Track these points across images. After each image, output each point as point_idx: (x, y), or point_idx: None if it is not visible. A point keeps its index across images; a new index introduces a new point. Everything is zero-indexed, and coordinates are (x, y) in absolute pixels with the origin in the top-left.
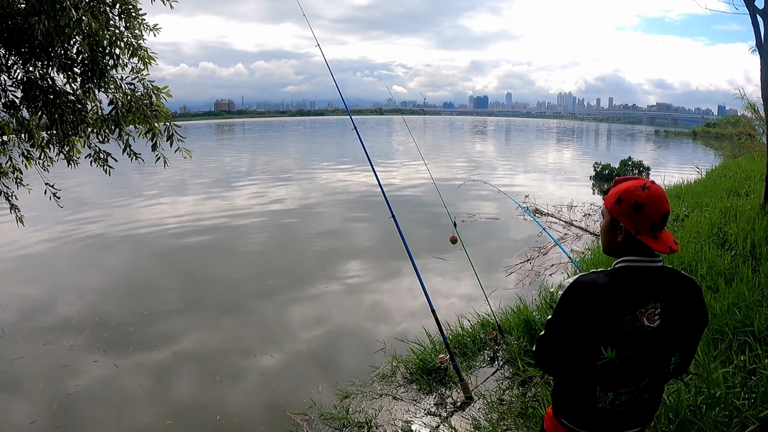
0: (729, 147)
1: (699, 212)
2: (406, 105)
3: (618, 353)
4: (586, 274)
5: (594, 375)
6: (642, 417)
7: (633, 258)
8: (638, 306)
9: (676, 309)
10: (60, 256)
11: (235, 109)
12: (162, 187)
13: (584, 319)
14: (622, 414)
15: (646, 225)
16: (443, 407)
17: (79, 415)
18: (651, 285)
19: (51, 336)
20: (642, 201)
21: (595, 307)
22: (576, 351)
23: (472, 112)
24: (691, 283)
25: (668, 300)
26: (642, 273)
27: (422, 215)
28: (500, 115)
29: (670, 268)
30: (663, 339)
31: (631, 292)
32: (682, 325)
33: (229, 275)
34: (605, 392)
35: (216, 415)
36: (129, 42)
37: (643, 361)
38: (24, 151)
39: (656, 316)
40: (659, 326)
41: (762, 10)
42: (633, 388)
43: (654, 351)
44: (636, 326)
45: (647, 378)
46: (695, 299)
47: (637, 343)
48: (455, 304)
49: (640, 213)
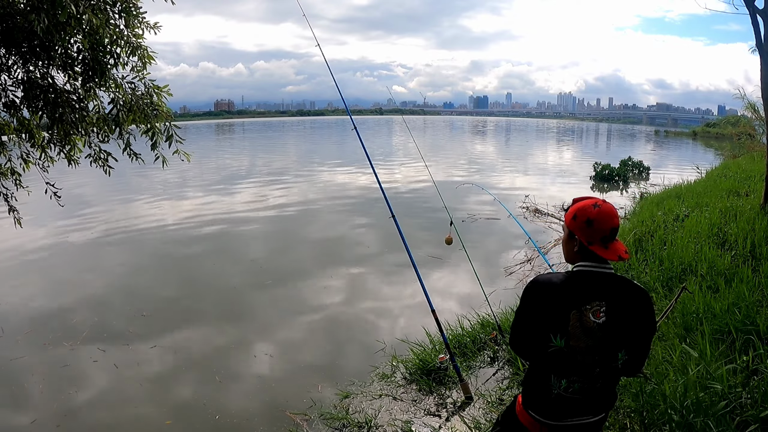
0: (729, 147)
1: (699, 212)
2: (406, 105)
3: (566, 343)
4: (543, 274)
5: (548, 361)
6: (596, 406)
7: (586, 263)
8: (583, 303)
9: (621, 309)
10: (60, 257)
11: (235, 109)
12: (162, 188)
13: (538, 311)
14: (576, 401)
15: (597, 237)
16: (443, 407)
17: (79, 415)
18: (598, 286)
19: (51, 336)
20: (593, 217)
21: (546, 300)
22: (534, 337)
23: (472, 112)
24: (640, 290)
25: (613, 300)
26: (591, 276)
27: (422, 215)
28: (500, 115)
29: (621, 276)
30: (608, 334)
31: (578, 291)
32: (626, 324)
33: (228, 275)
34: (559, 379)
35: (215, 415)
36: (129, 40)
37: (591, 353)
38: (23, 154)
39: (601, 313)
40: (604, 323)
41: (762, 10)
42: (584, 377)
43: (600, 344)
44: (582, 320)
45: (597, 369)
46: (642, 305)
47: (583, 336)
48: (455, 305)
49: (592, 227)
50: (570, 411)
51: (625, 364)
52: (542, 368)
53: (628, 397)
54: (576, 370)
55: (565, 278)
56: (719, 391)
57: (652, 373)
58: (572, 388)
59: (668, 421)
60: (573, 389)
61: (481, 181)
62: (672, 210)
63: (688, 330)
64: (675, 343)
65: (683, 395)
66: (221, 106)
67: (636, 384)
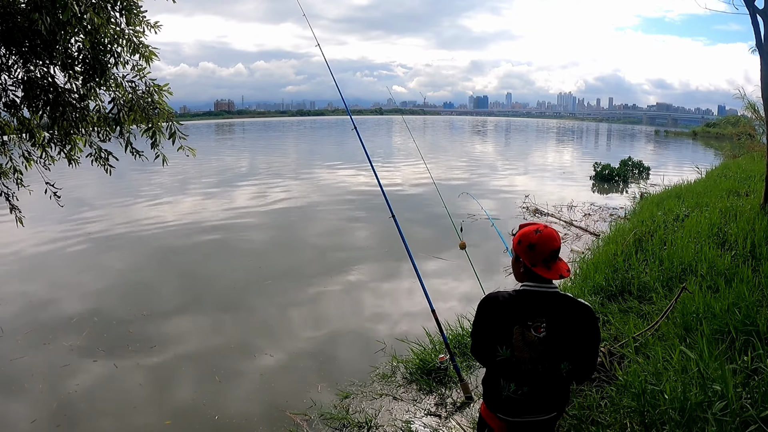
0: (729, 147)
1: (699, 212)
2: (406, 105)
3: (511, 353)
4: (493, 292)
5: (497, 368)
6: (546, 406)
7: (530, 283)
8: (526, 319)
9: (560, 325)
10: (60, 256)
11: (235, 109)
12: (162, 188)
13: (486, 324)
14: (525, 402)
15: (539, 259)
16: (443, 407)
17: (79, 414)
18: (539, 304)
19: (50, 336)
20: (534, 242)
21: (492, 315)
22: (485, 347)
23: (472, 112)
24: (581, 307)
25: (553, 317)
26: (534, 295)
27: (422, 215)
28: (500, 115)
29: (564, 294)
30: (549, 347)
31: (521, 308)
32: (566, 338)
33: (228, 275)
34: (507, 383)
35: (215, 415)
36: (130, 39)
37: (534, 363)
38: (24, 152)
39: (542, 328)
40: (544, 337)
41: (762, 10)
42: (531, 383)
43: (542, 356)
44: (524, 335)
45: (543, 377)
46: (582, 320)
47: (525, 348)
48: (455, 305)
49: (534, 251)
50: (521, 410)
51: (570, 373)
52: (493, 373)
53: (629, 396)
54: (523, 376)
55: (510, 296)
56: (719, 391)
57: (652, 372)
58: (521, 391)
59: (668, 420)
60: (522, 392)
61: (481, 181)
62: (672, 210)
63: (688, 330)
64: (675, 343)
65: (683, 395)
66: (221, 106)
67: (637, 384)
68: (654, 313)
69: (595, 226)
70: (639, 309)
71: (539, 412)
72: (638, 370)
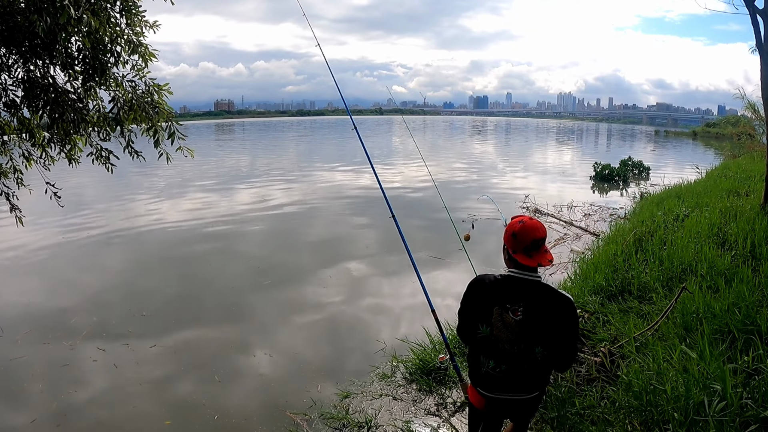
0: (729, 147)
1: (699, 212)
2: (406, 105)
3: (491, 332)
4: (481, 274)
5: (478, 344)
6: (525, 386)
7: (514, 270)
8: (504, 302)
9: (537, 311)
10: (59, 256)
11: (235, 109)
12: (161, 188)
13: (471, 303)
14: (502, 380)
15: (520, 247)
16: (443, 407)
17: (79, 414)
18: (519, 290)
19: (50, 336)
20: (517, 231)
21: (477, 296)
22: (469, 325)
23: (472, 112)
24: (561, 298)
25: (530, 303)
26: (516, 281)
27: (422, 215)
28: (500, 115)
29: (546, 285)
30: (524, 330)
31: (502, 292)
32: (541, 324)
33: (229, 275)
34: (487, 359)
35: (215, 415)
36: (130, 39)
37: (512, 344)
38: (24, 152)
39: (519, 312)
40: (521, 320)
41: (762, 10)
42: (509, 362)
43: (518, 338)
44: (502, 316)
45: (519, 358)
46: (561, 310)
47: (504, 329)
48: (455, 304)
49: (516, 239)
50: (499, 387)
51: (544, 359)
52: (474, 350)
53: (630, 396)
54: (500, 355)
55: (495, 279)
56: (719, 391)
57: (654, 371)
58: (499, 369)
59: (669, 420)
60: (500, 369)
61: (481, 181)
62: (672, 210)
63: (688, 330)
64: (675, 343)
65: (685, 395)
66: (221, 106)
67: (639, 383)
68: (654, 313)
69: (595, 226)
70: (639, 309)
71: (517, 391)
72: (639, 369)
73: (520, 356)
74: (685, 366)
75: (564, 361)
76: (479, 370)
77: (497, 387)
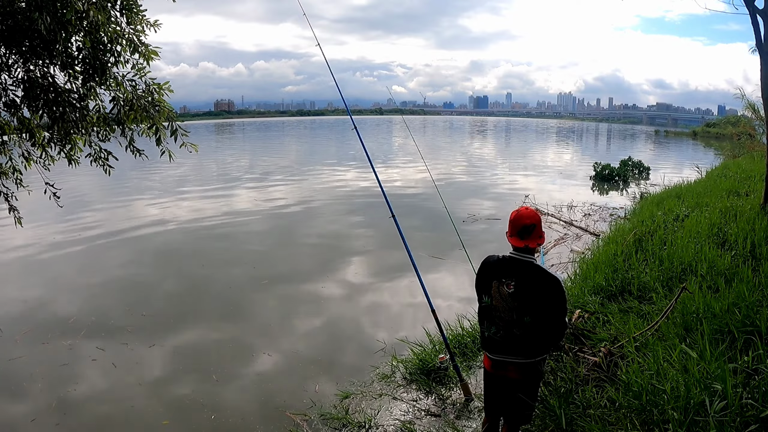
0: (729, 147)
1: (699, 212)
2: (406, 105)
3: (491, 302)
4: (488, 255)
5: (482, 312)
6: (516, 350)
7: (513, 252)
8: (501, 277)
9: (526, 287)
10: (58, 257)
11: (235, 109)
12: (161, 188)
13: (478, 278)
14: (501, 343)
15: (513, 231)
16: (443, 407)
17: (78, 413)
18: (513, 268)
19: (49, 335)
20: (512, 218)
21: (482, 272)
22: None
23: (472, 112)
24: (549, 278)
25: (521, 279)
26: (512, 261)
27: (422, 215)
28: (500, 115)
29: (537, 265)
30: (515, 302)
31: (500, 269)
32: (529, 297)
33: (228, 275)
34: (489, 325)
35: (213, 415)
36: (130, 38)
37: (506, 312)
38: (24, 152)
39: (511, 286)
40: (513, 293)
41: (762, 10)
42: (504, 328)
43: (511, 307)
44: (499, 288)
45: (512, 325)
46: (547, 287)
47: (500, 299)
48: (455, 304)
49: (511, 224)
50: (499, 349)
51: (534, 328)
52: (480, 317)
53: (630, 395)
54: (498, 322)
55: (497, 259)
56: (720, 391)
57: (654, 371)
58: (499, 334)
59: (669, 420)
60: (499, 335)
61: (481, 180)
62: (672, 210)
63: (688, 330)
64: (675, 342)
65: (685, 394)
66: (221, 106)
67: (638, 383)
68: (654, 313)
69: (595, 226)
70: (639, 309)
71: (512, 354)
72: (639, 369)
73: (511, 323)
74: (685, 366)
75: (552, 332)
76: (483, 335)
77: (497, 349)
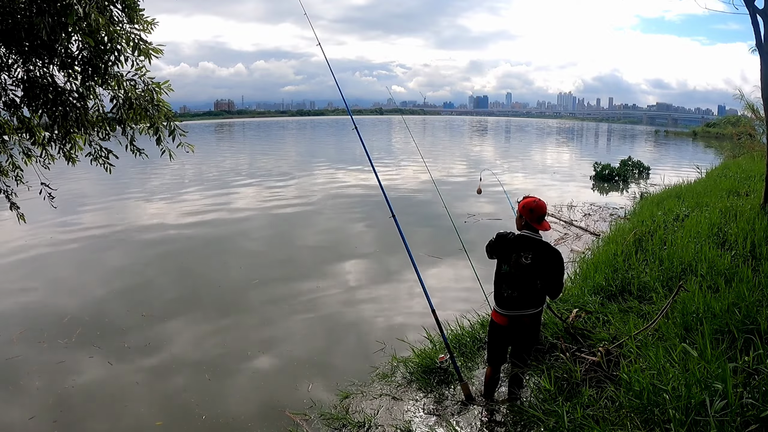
0: (729, 147)
1: (699, 212)
2: (405, 105)
3: (509, 269)
4: (503, 232)
5: (501, 278)
6: (529, 304)
7: (526, 231)
8: (520, 251)
9: (539, 258)
10: (56, 256)
11: (234, 109)
12: (160, 188)
13: (498, 250)
14: (516, 301)
15: (534, 217)
16: (443, 407)
17: (76, 410)
18: (530, 244)
19: (46, 334)
20: (533, 207)
21: (502, 246)
22: (491, 256)
23: (472, 112)
24: (554, 251)
25: (536, 252)
26: (528, 239)
27: (422, 215)
28: (500, 115)
29: (545, 242)
30: (532, 269)
31: (519, 244)
32: (541, 266)
33: (227, 275)
34: (507, 289)
35: (212, 415)
36: (131, 37)
37: (523, 278)
38: (24, 149)
39: (528, 258)
40: (530, 264)
41: (762, 10)
42: (520, 290)
43: (527, 274)
44: (518, 260)
45: (526, 287)
46: (553, 258)
47: (518, 268)
48: (455, 304)
49: (533, 213)
50: (515, 306)
51: (542, 288)
52: (499, 282)
53: (631, 395)
54: (516, 285)
55: (514, 236)
56: (720, 391)
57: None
58: (515, 294)
59: (670, 420)
60: (516, 295)
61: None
62: (672, 210)
63: (688, 330)
64: (675, 342)
65: (686, 394)
66: (221, 106)
67: (639, 383)
68: (654, 313)
69: (595, 226)
70: (639, 309)
71: (526, 308)
72: (640, 369)
73: (528, 286)
74: (685, 365)
75: (554, 289)
76: (502, 295)
77: (514, 306)
